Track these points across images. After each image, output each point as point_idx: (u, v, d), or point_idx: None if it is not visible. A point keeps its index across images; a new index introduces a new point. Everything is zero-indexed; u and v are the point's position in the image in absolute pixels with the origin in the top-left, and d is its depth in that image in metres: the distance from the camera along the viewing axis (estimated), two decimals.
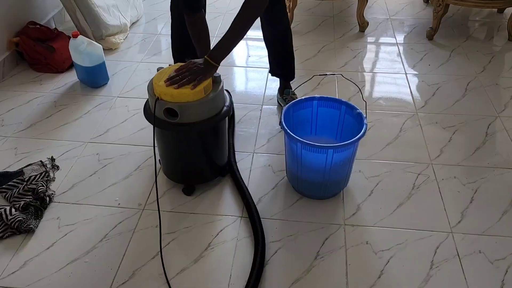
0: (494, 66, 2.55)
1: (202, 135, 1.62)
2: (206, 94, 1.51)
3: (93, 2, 2.61)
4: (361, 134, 1.53)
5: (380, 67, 2.59)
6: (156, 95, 1.49)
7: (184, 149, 1.65)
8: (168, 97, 1.47)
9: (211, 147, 1.69)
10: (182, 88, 1.46)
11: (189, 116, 1.50)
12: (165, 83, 1.49)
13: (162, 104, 1.48)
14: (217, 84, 1.56)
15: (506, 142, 1.99)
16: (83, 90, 2.38)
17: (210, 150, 1.70)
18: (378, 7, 3.29)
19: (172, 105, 1.47)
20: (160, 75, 1.53)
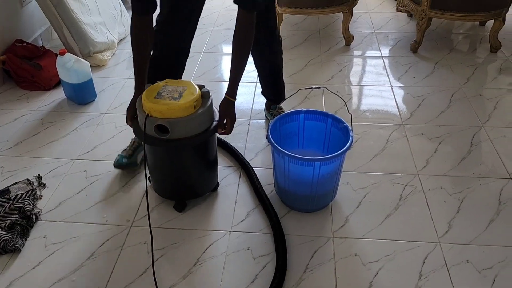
0: (477, 78, 2.60)
1: (193, 150, 1.63)
2: (196, 109, 1.51)
3: (80, 19, 2.63)
4: (347, 147, 1.54)
5: (366, 80, 2.63)
6: (146, 112, 1.50)
7: (175, 165, 1.65)
8: (158, 114, 1.48)
9: (202, 162, 1.69)
10: (172, 103, 1.47)
11: (179, 131, 1.50)
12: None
13: (152, 121, 1.49)
14: (206, 99, 1.57)
15: (490, 152, 2.01)
16: (71, 107, 2.38)
17: (201, 166, 1.70)
18: (363, 21, 3.34)
19: (163, 122, 1.47)
20: (149, 92, 1.53)
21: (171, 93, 1.52)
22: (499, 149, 2.02)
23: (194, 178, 1.71)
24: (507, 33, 3.05)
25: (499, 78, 2.60)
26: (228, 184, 1.86)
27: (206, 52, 2.91)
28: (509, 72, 2.65)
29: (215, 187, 1.82)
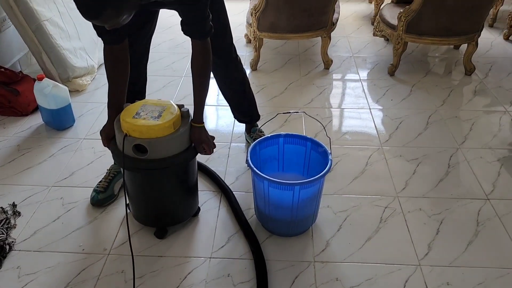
0: (453, 100, 2.66)
1: (173, 175, 1.61)
2: (175, 129, 1.50)
3: (60, 45, 2.62)
4: (326, 170, 1.55)
5: (345, 103, 2.66)
6: (124, 132, 1.48)
7: (156, 191, 1.63)
8: (137, 133, 1.46)
9: (182, 187, 1.68)
10: (151, 123, 1.45)
11: (158, 151, 1.48)
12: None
13: (130, 141, 1.46)
14: (186, 119, 1.56)
15: (468, 173, 2.05)
16: (48, 133, 2.34)
17: (182, 191, 1.68)
18: (341, 45, 3.41)
19: (141, 141, 1.45)
20: (127, 111, 1.51)
21: (150, 112, 1.50)
22: (475, 170, 2.05)
23: (175, 204, 1.69)
24: (480, 57, 3.15)
25: (474, 100, 2.67)
26: (208, 209, 1.84)
27: (187, 76, 2.92)
28: (483, 94, 2.72)
29: (196, 212, 1.80)
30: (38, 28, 2.52)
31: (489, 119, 2.46)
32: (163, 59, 3.17)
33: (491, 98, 2.68)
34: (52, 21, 2.61)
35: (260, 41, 2.95)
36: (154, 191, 1.63)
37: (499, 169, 2.06)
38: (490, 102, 2.64)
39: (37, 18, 2.51)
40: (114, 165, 1.94)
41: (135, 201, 1.69)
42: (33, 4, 2.49)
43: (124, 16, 1.21)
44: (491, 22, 3.72)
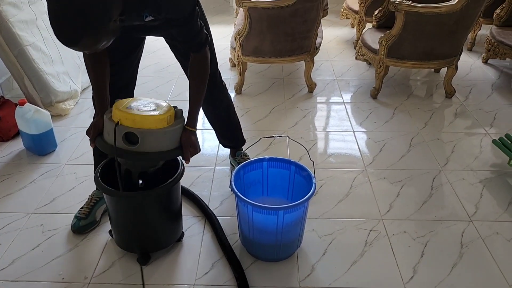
0: (434, 122, 2.70)
1: (156, 197, 1.59)
2: (169, 124, 1.47)
3: (42, 69, 2.60)
4: (310, 194, 1.54)
5: (329, 126, 2.68)
6: (116, 120, 1.43)
7: (138, 214, 1.60)
8: (130, 122, 1.41)
9: (166, 212, 1.65)
10: (146, 113, 1.43)
11: (149, 144, 1.44)
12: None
13: (121, 130, 1.42)
14: (179, 120, 1.53)
15: (451, 195, 2.06)
16: (29, 158, 2.30)
17: (166, 215, 1.66)
18: (325, 69, 3.46)
19: (134, 130, 1.41)
20: (119, 103, 1.47)
21: (143, 106, 1.47)
22: (458, 192, 2.07)
23: (158, 228, 1.66)
24: (460, 80, 3.22)
25: (455, 122, 2.71)
26: (192, 235, 1.82)
27: (171, 100, 2.92)
28: (464, 116, 2.77)
29: (180, 237, 1.77)
30: (20, 53, 2.51)
31: (470, 141, 2.50)
32: (147, 83, 3.17)
33: (471, 120, 2.73)
34: (35, 46, 2.60)
35: (244, 65, 2.97)
36: (137, 216, 1.60)
37: (482, 190, 2.08)
38: (471, 124, 2.69)
39: (20, 43, 2.50)
40: (96, 191, 1.91)
41: (117, 226, 1.66)
42: (16, 29, 2.48)
43: (103, 42, 1.21)
44: (470, 46, 3.82)
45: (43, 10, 2.80)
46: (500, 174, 2.20)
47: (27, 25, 2.59)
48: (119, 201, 1.56)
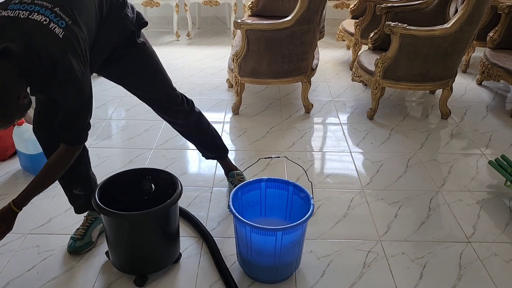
0: (431, 143, 2.72)
1: (154, 219, 1.58)
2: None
3: None
4: (308, 215, 1.54)
5: (326, 146, 2.70)
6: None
7: (136, 235, 1.60)
8: None
9: (164, 233, 1.65)
10: None
11: None
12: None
13: None
14: None
15: (448, 215, 2.06)
16: (26, 178, 2.29)
17: (163, 236, 1.65)
18: (321, 90, 3.49)
19: None
20: None
21: None
22: (456, 213, 2.07)
23: (156, 250, 1.65)
24: (455, 101, 3.26)
25: (451, 143, 2.73)
26: (189, 256, 1.80)
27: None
28: (460, 137, 2.80)
29: (177, 258, 1.76)
30: None
31: (467, 162, 2.51)
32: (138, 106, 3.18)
33: (467, 141, 2.75)
34: None
35: (241, 86, 3.00)
36: (134, 237, 1.60)
37: (479, 211, 2.09)
38: (467, 145, 2.71)
39: None
40: (91, 211, 1.90)
41: (114, 247, 1.64)
42: None
43: (16, 119, 1.28)
44: (464, 68, 3.88)
45: None
46: (497, 195, 2.21)
47: None
48: (116, 221, 1.55)
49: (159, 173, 1.77)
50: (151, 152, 2.55)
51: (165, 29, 5.12)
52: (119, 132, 2.84)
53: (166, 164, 2.43)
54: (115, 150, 2.59)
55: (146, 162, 2.45)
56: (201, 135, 2.09)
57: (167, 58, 4.14)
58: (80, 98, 1.41)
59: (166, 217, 1.62)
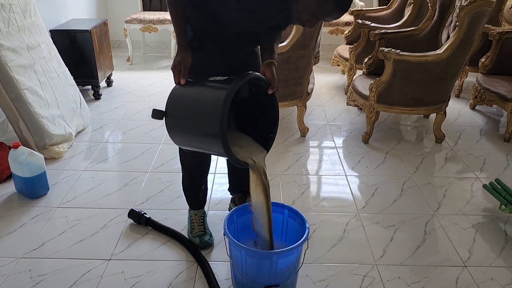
0: (425, 167, 2.73)
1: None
2: None
3: (38, 113, 2.63)
4: (303, 239, 1.54)
5: (322, 170, 2.70)
6: None
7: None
8: None
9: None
10: None
11: None
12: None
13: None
14: None
15: (444, 239, 2.06)
16: (20, 202, 2.28)
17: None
18: (317, 113, 3.52)
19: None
20: None
21: None
22: (451, 237, 2.07)
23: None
24: (449, 125, 3.29)
25: (446, 167, 2.75)
26: (184, 281, 1.78)
27: (164, 144, 2.95)
28: (455, 161, 2.81)
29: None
30: (17, 97, 2.54)
31: (461, 186, 2.52)
32: (142, 127, 3.20)
33: (462, 165, 2.76)
34: (32, 90, 2.64)
35: None
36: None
37: (474, 235, 2.09)
38: (461, 169, 2.72)
39: (17, 86, 2.54)
40: (195, 210, 2.04)
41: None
42: (13, 73, 2.53)
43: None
44: (458, 92, 3.93)
45: (42, 56, 2.87)
46: (492, 219, 2.21)
47: (25, 70, 2.64)
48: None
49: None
50: (147, 175, 2.55)
51: (163, 54, 5.19)
52: (115, 155, 2.85)
53: (162, 188, 2.42)
54: (111, 173, 2.58)
55: (142, 185, 2.45)
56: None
57: (164, 82, 4.19)
58: None
59: None
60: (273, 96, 1.62)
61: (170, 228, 2.04)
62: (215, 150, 1.50)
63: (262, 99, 1.63)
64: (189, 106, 1.53)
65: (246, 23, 1.60)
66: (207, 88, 1.54)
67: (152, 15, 4.70)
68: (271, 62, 1.61)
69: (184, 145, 1.65)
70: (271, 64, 1.61)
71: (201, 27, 1.65)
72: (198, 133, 1.51)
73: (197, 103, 1.52)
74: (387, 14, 4.23)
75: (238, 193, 2.18)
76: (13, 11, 2.67)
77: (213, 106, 1.42)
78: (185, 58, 1.59)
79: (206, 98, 1.50)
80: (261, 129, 1.70)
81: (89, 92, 3.78)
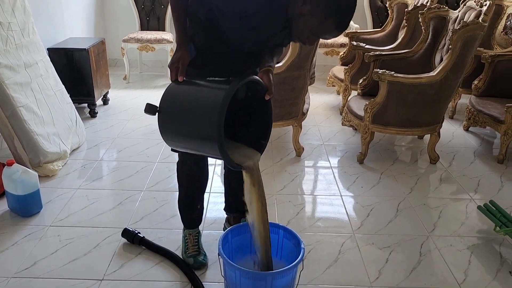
0: (420, 187, 2.74)
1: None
2: None
3: (33, 130, 2.62)
4: (298, 260, 1.53)
5: (317, 190, 2.70)
6: None
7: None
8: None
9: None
10: None
11: None
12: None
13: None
14: None
15: (439, 261, 2.05)
16: (13, 220, 2.26)
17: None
18: (312, 133, 3.54)
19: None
20: None
21: None
22: (447, 259, 2.06)
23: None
24: (443, 146, 3.31)
25: (440, 188, 2.75)
26: None
27: (160, 163, 2.94)
28: (449, 182, 2.82)
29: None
30: (13, 114, 2.54)
31: (456, 207, 2.53)
32: (137, 145, 3.20)
33: (456, 186, 2.77)
34: (28, 107, 2.64)
35: None
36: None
37: (469, 257, 2.08)
38: (456, 190, 2.73)
39: (13, 104, 2.54)
40: (190, 229, 2.03)
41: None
42: (10, 91, 2.53)
43: None
44: (451, 114, 3.97)
45: (38, 73, 2.88)
46: (487, 241, 2.21)
47: (21, 87, 2.65)
48: None
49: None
50: (142, 194, 2.54)
51: (160, 73, 5.22)
52: (110, 173, 2.83)
53: (157, 206, 2.41)
54: (105, 192, 2.57)
55: (136, 204, 2.44)
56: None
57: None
58: None
59: None
60: (268, 102, 1.63)
61: (164, 248, 2.02)
62: (208, 151, 1.46)
63: (256, 104, 1.64)
64: (185, 103, 1.51)
65: (249, 41, 1.63)
66: (205, 87, 1.52)
67: (150, 34, 4.74)
68: (268, 69, 1.63)
69: (175, 145, 1.59)
70: (268, 71, 1.63)
71: (205, 45, 1.67)
72: (193, 132, 1.47)
73: (193, 101, 1.48)
74: (381, 36, 4.30)
75: (233, 213, 2.18)
76: (11, 29, 2.69)
77: (210, 106, 1.38)
78: (184, 55, 1.60)
79: (203, 97, 1.47)
80: (251, 135, 1.68)
81: (85, 110, 3.79)
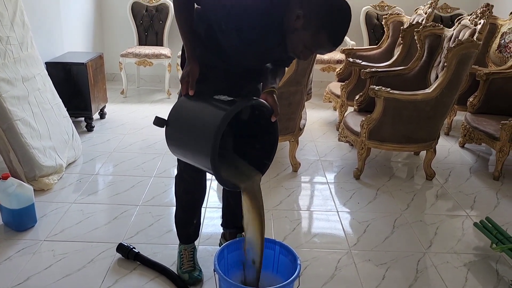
0: (417, 204, 2.74)
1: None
2: None
3: (29, 144, 2.62)
4: (294, 276, 1.52)
5: (313, 205, 2.70)
6: None
7: None
8: None
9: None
10: None
11: None
12: None
13: None
14: None
15: (436, 278, 2.04)
16: (6, 234, 2.24)
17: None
18: (309, 149, 3.55)
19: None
20: None
21: None
22: (443, 276, 2.05)
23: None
24: (439, 162, 3.32)
25: (436, 204, 2.76)
26: None
27: (156, 177, 2.93)
28: (445, 198, 2.83)
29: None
30: (9, 127, 2.54)
31: (452, 224, 2.52)
32: (133, 159, 3.19)
33: (452, 202, 2.78)
34: (24, 121, 2.64)
35: None
36: None
37: (466, 274, 2.07)
38: (452, 206, 2.73)
39: (10, 117, 2.54)
40: (185, 245, 2.02)
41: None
42: (7, 104, 2.53)
43: None
44: (447, 130, 3.99)
45: (36, 87, 2.88)
46: (484, 258, 2.20)
47: (18, 101, 2.65)
48: None
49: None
50: (137, 209, 2.52)
51: (157, 87, 5.24)
52: (106, 187, 2.82)
53: (152, 221, 2.40)
54: (100, 206, 2.56)
55: (132, 218, 2.42)
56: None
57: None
58: None
59: None
60: (274, 123, 1.64)
61: (159, 263, 2.01)
62: (207, 166, 1.52)
63: (263, 123, 1.66)
64: (188, 119, 1.59)
65: (248, 56, 1.64)
66: (210, 105, 1.57)
67: (148, 49, 4.77)
68: (272, 90, 1.64)
69: (179, 155, 1.69)
70: (272, 92, 1.64)
71: (206, 60, 1.68)
72: (193, 148, 1.56)
73: (196, 118, 1.57)
74: (377, 53, 4.34)
75: (230, 228, 2.16)
76: (10, 43, 2.70)
77: (210, 125, 1.45)
78: (193, 69, 1.62)
79: (205, 116, 1.54)
80: (257, 152, 1.73)
81: (82, 123, 3.79)
